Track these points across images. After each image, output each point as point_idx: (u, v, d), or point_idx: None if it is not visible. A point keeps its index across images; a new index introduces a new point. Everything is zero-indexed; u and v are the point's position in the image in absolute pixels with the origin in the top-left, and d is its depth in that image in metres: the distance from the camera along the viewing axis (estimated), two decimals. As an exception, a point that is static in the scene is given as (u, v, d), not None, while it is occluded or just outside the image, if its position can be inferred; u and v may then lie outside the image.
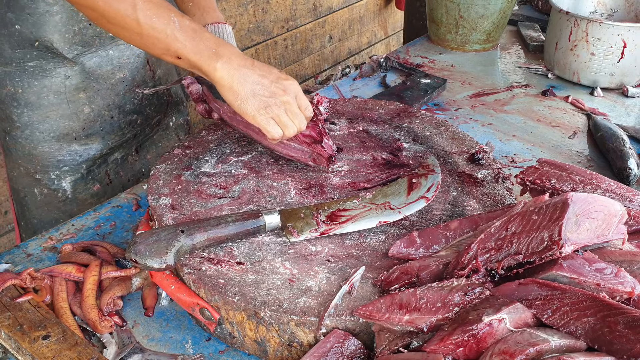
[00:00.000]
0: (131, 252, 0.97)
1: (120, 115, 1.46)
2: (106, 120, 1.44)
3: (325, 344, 0.90)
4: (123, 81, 1.43)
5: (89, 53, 1.34)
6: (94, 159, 1.46)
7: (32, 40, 1.28)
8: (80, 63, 1.34)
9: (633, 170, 1.39)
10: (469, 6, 2.02)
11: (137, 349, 1.00)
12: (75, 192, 1.46)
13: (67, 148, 1.41)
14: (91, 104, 1.40)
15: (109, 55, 1.38)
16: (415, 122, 1.44)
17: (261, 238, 1.07)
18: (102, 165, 1.49)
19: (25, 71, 1.31)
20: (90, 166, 1.46)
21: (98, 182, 1.49)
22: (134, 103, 1.49)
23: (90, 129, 1.42)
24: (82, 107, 1.39)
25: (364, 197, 1.14)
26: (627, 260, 0.89)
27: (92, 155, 1.45)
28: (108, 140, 1.46)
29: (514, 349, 0.75)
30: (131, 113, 1.49)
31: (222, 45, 1.09)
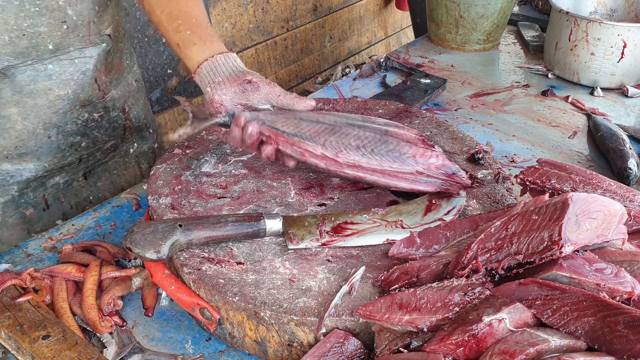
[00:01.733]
0: (127, 240, 0.99)
1: (59, 136, 1.33)
2: (42, 139, 1.31)
3: (325, 344, 0.90)
4: (63, 99, 1.30)
5: (22, 65, 1.21)
6: (27, 181, 1.33)
7: None
8: (10, 75, 1.21)
9: (633, 170, 1.38)
10: (469, 6, 2.02)
11: (137, 349, 1.00)
12: (5, 215, 1.34)
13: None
14: (24, 120, 1.27)
15: (48, 69, 1.25)
16: (415, 122, 1.44)
17: (261, 238, 1.07)
18: (39, 188, 1.37)
19: None
20: (23, 188, 1.34)
21: (32, 207, 1.37)
22: (77, 124, 1.36)
23: (23, 147, 1.29)
24: (14, 123, 1.26)
25: (376, 212, 1.11)
26: (627, 260, 0.89)
27: (25, 177, 1.32)
28: (44, 161, 1.33)
29: (514, 349, 0.75)
30: (73, 134, 1.36)
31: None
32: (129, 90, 1.48)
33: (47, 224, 1.39)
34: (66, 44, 1.25)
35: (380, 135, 1.16)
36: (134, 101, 1.51)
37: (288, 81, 3.25)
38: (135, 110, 1.52)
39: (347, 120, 1.20)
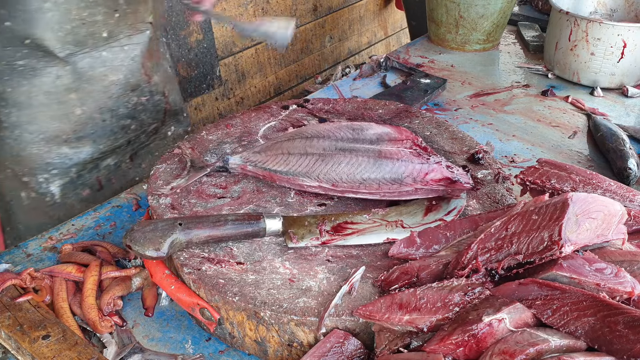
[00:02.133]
0: (127, 238, 0.99)
1: (112, 119, 1.43)
2: (98, 123, 1.40)
3: (325, 344, 0.90)
4: (116, 84, 1.40)
5: (81, 53, 1.31)
6: (84, 163, 1.42)
7: (22, 38, 1.24)
8: (72, 63, 1.31)
9: (633, 170, 1.38)
10: (469, 6, 2.02)
11: (137, 349, 1.00)
12: (64, 197, 1.42)
13: (57, 151, 1.37)
14: (82, 105, 1.36)
15: (102, 57, 1.35)
16: (415, 122, 1.44)
17: (261, 238, 1.07)
18: (94, 170, 1.46)
19: (14, 70, 1.28)
20: (80, 170, 1.42)
21: (88, 188, 1.45)
22: (128, 107, 1.45)
23: (81, 131, 1.38)
24: (73, 108, 1.35)
25: (376, 212, 1.11)
26: (627, 260, 0.89)
27: (82, 159, 1.41)
28: (99, 144, 1.43)
29: (514, 349, 0.75)
30: (124, 117, 1.45)
31: None
32: (166, 76, 1.56)
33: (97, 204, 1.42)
34: (117, 32, 1.35)
35: (374, 158, 1.15)
36: (170, 86, 1.59)
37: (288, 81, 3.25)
38: (172, 95, 1.59)
39: (336, 145, 1.19)
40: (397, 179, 1.13)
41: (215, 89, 2.74)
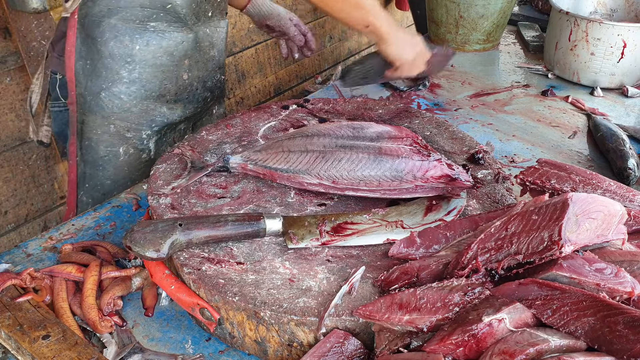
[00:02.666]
0: (127, 238, 0.99)
1: (202, 89, 1.56)
2: (192, 90, 1.54)
3: (325, 344, 0.90)
4: (213, 59, 1.57)
5: (199, 24, 1.48)
6: (172, 123, 1.54)
7: (165, 3, 1.38)
8: (195, 31, 1.47)
9: (633, 170, 1.38)
10: (469, 6, 2.02)
11: (137, 349, 1.00)
12: (156, 154, 1.54)
13: (160, 109, 1.49)
14: (189, 72, 1.50)
15: (208, 32, 1.51)
16: (415, 122, 1.44)
17: (261, 238, 1.07)
18: (173, 131, 1.59)
19: (146, 30, 1.39)
20: (167, 130, 1.55)
21: (169, 145, 1.57)
22: (213, 81, 1.61)
23: (180, 94, 1.51)
24: (183, 73, 1.49)
25: (376, 212, 1.11)
26: (627, 260, 0.89)
27: (172, 119, 1.53)
28: (187, 109, 1.56)
29: (514, 349, 0.75)
30: (208, 90, 1.60)
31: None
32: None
33: None
34: (215, 14, 1.52)
35: (374, 155, 1.15)
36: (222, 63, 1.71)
37: (288, 81, 3.25)
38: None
39: (336, 142, 1.19)
40: (398, 176, 1.13)
41: (216, 89, 2.74)
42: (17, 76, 2.07)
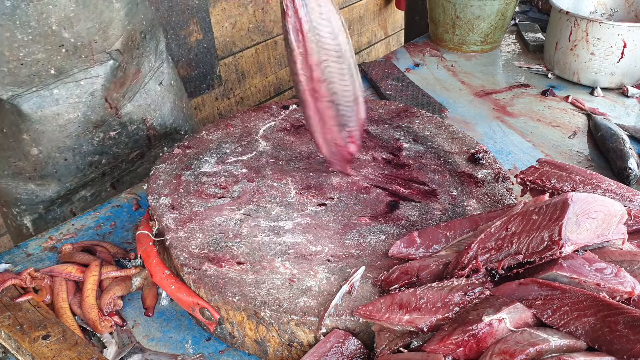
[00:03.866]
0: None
1: (76, 157, 1.32)
2: (59, 162, 1.30)
3: (325, 344, 0.90)
4: (74, 122, 1.27)
5: (27, 93, 1.20)
6: (51, 200, 1.35)
7: None
8: (17, 104, 1.21)
9: (633, 170, 1.38)
10: (465, 7, 2.02)
11: (137, 349, 1.00)
12: (36, 231, 1.37)
13: (24, 187, 1.32)
14: (38, 145, 1.27)
15: (54, 94, 1.23)
16: (415, 122, 1.44)
17: (261, 238, 1.07)
18: (65, 204, 1.38)
19: None
20: (48, 206, 1.35)
21: (60, 221, 1.38)
22: (93, 144, 1.33)
23: (42, 170, 1.30)
24: (29, 148, 1.27)
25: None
26: (627, 260, 0.89)
27: (48, 196, 1.34)
28: (65, 182, 1.34)
29: (514, 348, 0.75)
30: (91, 154, 1.34)
31: None
32: (149, 97, 1.43)
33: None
34: (69, 67, 1.21)
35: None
36: (156, 108, 1.45)
37: (288, 81, 3.25)
38: (160, 117, 1.46)
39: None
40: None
41: (215, 88, 2.74)
42: None
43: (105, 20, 1.21)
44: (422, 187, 1.21)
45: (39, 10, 1.11)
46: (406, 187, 1.21)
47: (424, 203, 1.17)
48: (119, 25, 1.25)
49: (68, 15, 1.14)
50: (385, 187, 1.21)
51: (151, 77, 1.43)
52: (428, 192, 1.20)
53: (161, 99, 1.46)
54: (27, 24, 1.10)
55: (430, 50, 2.15)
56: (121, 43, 1.28)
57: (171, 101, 1.50)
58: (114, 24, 1.24)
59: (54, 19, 1.12)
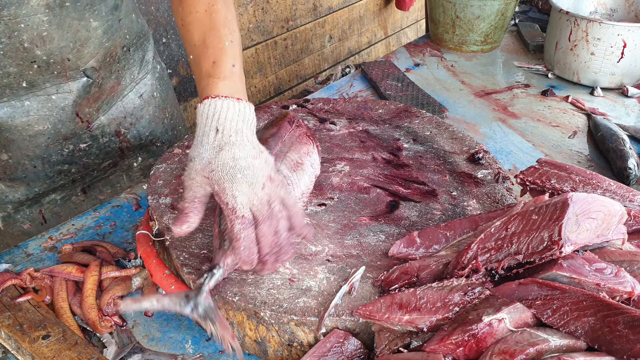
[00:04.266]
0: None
1: (45, 166, 1.31)
2: (28, 168, 1.29)
3: (325, 344, 0.90)
4: (44, 133, 1.26)
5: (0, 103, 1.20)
6: (20, 201, 1.34)
7: None
8: None
9: (633, 170, 1.39)
10: (465, 7, 2.02)
11: (137, 349, 1.00)
12: (7, 227, 1.36)
13: None
14: (7, 151, 1.26)
15: (25, 106, 1.21)
16: (415, 122, 1.44)
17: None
18: (34, 205, 1.37)
19: None
20: (17, 207, 1.35)
21: (29, 222, 1.37)
22: (63, 154, 1.31)
23: (12, 174, 1.29)
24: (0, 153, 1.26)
25: None
26: (627, 260, 0.89)
27: (17, 198, 1.33)
28: (34, 187, 1.33)
29: (514, 348, 0.75)
30: (60, 164, 1.33)
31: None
32: (125, 110, 1.40)
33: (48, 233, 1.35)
34: (41, 81, 1.20)
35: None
36: (133, 120, 1.42)
37: (288, 81, 3.25)
38: (136, 129, 1.44)
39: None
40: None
41: (215, 89, 2.74)
42: None
43: (81, 39, 1.19)
44: (422, 187, 1.21)
45: (10, 28, 1.10)
46: (406, 187, 1.21)
47: (424, 203, 1.17)
48: (96, 42, 1.23)
49: (41, 34, 1.13)
50: (385, 187, 1.21)
51: (131, 89, 1.41)
52: (428, 192, 1.20)
53: (139, 111, 1.43)
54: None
55: (430, 50, 2.15)
56: (97, 60, 1.26)
57: (150, 113, 1.47)
58: (90, 42, 1.22)
59: (25, 37, 1.11)
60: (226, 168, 0.92)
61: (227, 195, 0.91)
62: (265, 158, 0.97)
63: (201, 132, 0.96)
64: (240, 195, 0.91)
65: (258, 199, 0.92)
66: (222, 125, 0.95)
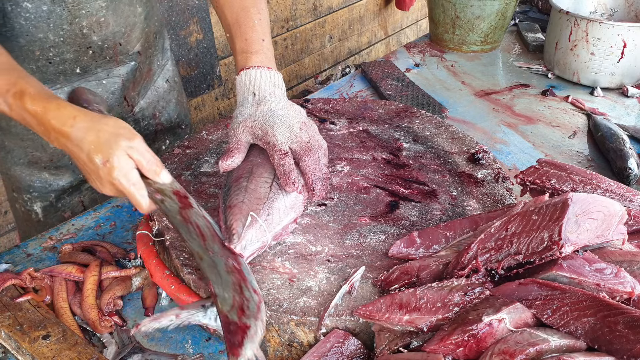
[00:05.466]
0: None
1: None
2: None
3: (325, 344, 0.90)
4: None
5: (52, 89, 1.25)
6: (63, 189, 1.40)
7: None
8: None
9: (633, 170, 1.38)
10: (465, 6, 2.02)
11: (137, 349, 1.00)
12: (46, 217, 1.42)
13: (38, 175, 1.37)
14: None
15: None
16: (415, 122, 1.44)
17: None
18: (75, 193, 1.43)
19: None
20: (60, 195, 1.41)
21: (69, 210, 1.44)
22: None
23: (58, 161, 1.36)
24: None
25: None
26: (627, 260, 0.89)
27: (61, 186, 1.39)
28: (79, 173, 1.39)
29: (514, 349, 0.75)
30: None
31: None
32: (158, 94, 1.49)
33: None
34: (93, 67, 1.27)
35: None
36: (164, 104, 1.52)
37: (288, 81, 3.25)
38: (167, 112, 1.53)
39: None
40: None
41: (215, 88, 2.74)
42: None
43: (130, 24, 1.28)
44: (422, 187, 1.21)
45: (72, 15, 1.18)
46: (406, 187, 1.21)
47: (424, 203, 1.17)
48: (140, 28, 1.32)
49: (99, 20, 1.21)
50: (385, 187, 1.21)
51: (159, 75, 1.50)
52: (428, 192, 1.20)
53: (168, 94, 1.53)
54: (60, 27, 1.17)
55: (430, 50, 2.15)
56: (141, 45, 1.34)
57: (175, 97, 1.56)
58: (136, 27, 1.31)
59: (85, 23, 1.20)
60: (266, 117, 1.09)
61: (269, 136, 1.07)
62: (297, 110, 1.13)
63: (241, 97, 1.13)
64: (280, 135, 1.07)
65: (297, 138, 1.08)
66: (257, 89, 1.12)
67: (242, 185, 1.04)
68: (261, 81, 1.12)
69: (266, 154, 1.10)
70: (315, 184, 1.08)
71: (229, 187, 1.06)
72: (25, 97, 0.93)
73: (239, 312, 0.85)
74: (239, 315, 0.85)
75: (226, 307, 0.86)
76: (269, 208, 1.02)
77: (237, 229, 0.96)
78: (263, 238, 1.00)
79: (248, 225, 0.97)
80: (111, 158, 0.89)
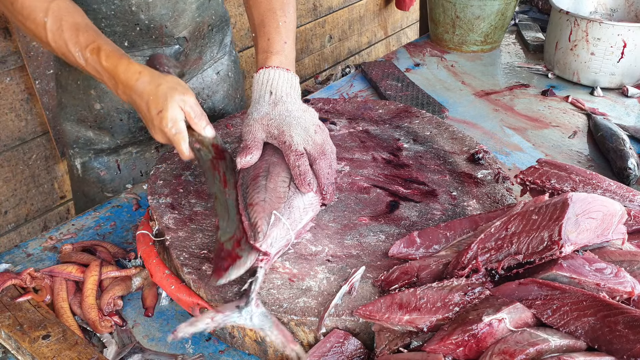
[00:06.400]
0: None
1: (130, 120, 1.46)
2: (115, 120, 1.45)
3: (325, 344, 0.90)
4: None
5: None
6: (102, 149, 1.50)
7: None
8: None
9: (633, 170, 1.39)
10: (465, 6, 2.02)
11: (137, 349, 1.00)
12: (84, 174, 1.52)
13: (84, 132, 1.47)
14: (101, 102, 1.42)
15: None
16: (415, 122, 1.44)
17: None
18: (112, 154, 1.52)
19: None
20: (98, 153, 1.50)
21: (105, 169, 1.53)
22: None
23: (101, 123, 1.45)
24: (93, 102, 1.42)
25: None
26: (627, 260, 0.89)
27: (100, 146, 1.49)
28: (117, 138, 1.48)
29: (514, 348, 0.75)
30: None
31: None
32: (204, 82, 1.56)
33: (118, 186, 1.53)
34: (140, 43, 1.34)
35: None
36: (210, 93, 1.59)
37: (288, 81, 3.25)
38: (211, 101, 1.59)
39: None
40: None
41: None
42: (17, 76, 2.06)
43: (178, 10, 1.34)
44: (422, 187, 1.21)
45: None
46: (406, 187, 1.21)
47: (424, 203, 1.17)
48: (190, 16, 1.38)
49: (147, 1, 1.28)
50: (385, 187, 1.21)
51: (210, 66, 1.56)
52: (428, 192, 1.20)
53: (215, 86, 1.59)
54: (112, 1, 1.26)
55: (430, 50, 2.15)
56: (188, 32, 1.40)
57: (224, 90, 1.62)
58: (185, 14, 1.36)
59: (134, 1, 1.27)
60: (282, 117, 1.11)
61: (286, 135, 1.09)
62: (312, 112, 1.15)
63: (257, 94, 1.15)
64: (296, 136, 1.08)
65: (312, 140, 1.10)
66: (274, 88, 1.14)
67: (262, 184, 1.05)
68: (279, 81, 1.14)
69: (281, 153, 1.11)
70: (327, 188, 1.09)
71: (246, 185, 1.06)
72: (102, 53, 1.04)
73: (235, 244, 0.94)
74: (235, 246, 0.94)
75: (225, 237, 0.97)
76: (289, 207, 1.03)
77: (263, 227, 0.97)
78: (287, 236, 1.01)
79: (272, 224, 0.98)
80: (164, 108, 0.99)
